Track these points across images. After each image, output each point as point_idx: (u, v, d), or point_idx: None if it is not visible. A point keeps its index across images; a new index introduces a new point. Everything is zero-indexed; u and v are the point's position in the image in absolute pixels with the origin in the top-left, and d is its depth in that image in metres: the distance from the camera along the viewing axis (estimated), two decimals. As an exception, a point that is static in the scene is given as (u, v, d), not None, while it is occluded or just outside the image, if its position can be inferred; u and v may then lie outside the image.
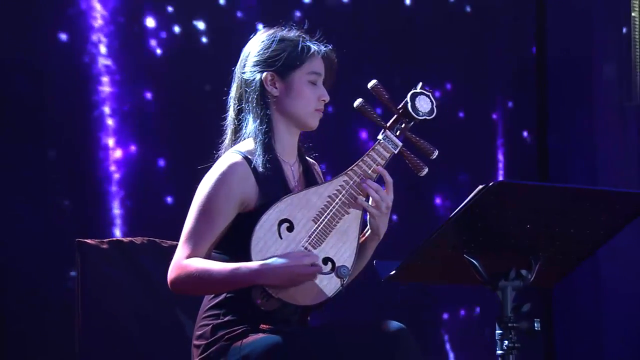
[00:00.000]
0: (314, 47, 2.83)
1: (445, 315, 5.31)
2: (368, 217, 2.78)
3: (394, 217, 5.05)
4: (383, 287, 3.44)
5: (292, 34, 2.86)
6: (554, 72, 5.69)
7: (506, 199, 2.42)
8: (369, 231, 2.81)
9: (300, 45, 2.82)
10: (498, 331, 2.51)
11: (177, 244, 3.02)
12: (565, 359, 5.57)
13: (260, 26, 2.95)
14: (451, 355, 5.28)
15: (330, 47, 2.87)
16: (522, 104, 5.64)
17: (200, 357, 2.73)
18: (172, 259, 2.79)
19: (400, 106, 2.80)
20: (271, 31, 2.87)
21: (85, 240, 3.05)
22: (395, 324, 2.62)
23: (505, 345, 2.50)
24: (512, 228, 2.49)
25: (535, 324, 2.49)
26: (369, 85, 2.78)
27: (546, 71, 5.71)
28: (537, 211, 2.47)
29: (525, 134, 5.67)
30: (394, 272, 2.54)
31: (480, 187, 2.37)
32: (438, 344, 5.26)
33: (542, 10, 5.69)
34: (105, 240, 3.08)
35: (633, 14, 5.69)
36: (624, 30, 5.69)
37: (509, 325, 2.50)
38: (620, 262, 5.55)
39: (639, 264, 5.71)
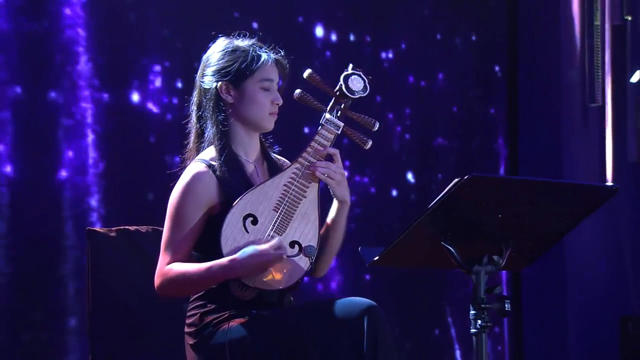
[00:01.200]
0: (264, 56, 2.80)
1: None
2: (331, 190, 2.77)
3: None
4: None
5: (245, 43, 2.82)
6: (525, 77, 5.70)
7: (480, 191, 2.43)
8: (336, 203, 2.80)
9: (250, 55, 2.79)
10: (472, 312, 2.51)
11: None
12: (532, 335, 5.58)
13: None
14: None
15: (281, 53, 2.85)
16: (497, 106, 5.66)
17: (192, 343, 2.75)
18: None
19: (336, 89, 2.78)
20: (227, 41, 2.83)
21: (95, 229, 3.06)
22: (365, 301, 2.63)
23: (479, 325, 2.50)
24: (485, 218, 2.49)
25: (506, 305, 2.49)
26: (305, 75, 2.76)
27: (518, 76, 5.72)
28: (508, 202, 2.47)
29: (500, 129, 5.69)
30: (377, 257, 2.54)
31: (456, 180, 2.37)
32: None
33: (513, 22, 5.70)
34: (113, 228, 3.08)
35: (596, 23, 5.71)
36: (588, 38, 5.71)
37: (482, 306, 2.50)
38: (583, 248, 5.57)
39: (599, 250, 5.74)
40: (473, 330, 2.51)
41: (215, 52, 2.81)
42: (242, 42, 2.82)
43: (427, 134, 5.31)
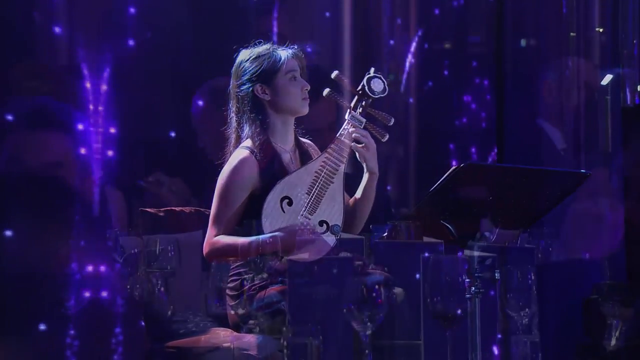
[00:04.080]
0: (282, 54, 2.85)
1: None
2: (365, 164, 2.82)
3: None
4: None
5: (263, 48, 2.87)
6: (509, 77, 5.68)
7: (473, 177, 2.43)
8: (367, 175, 2.85)
9: (272, 55, 2.84)
10: (467, 279, 2.52)
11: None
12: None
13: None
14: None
15: (295, 47, 2.89)
16: (484, 105, 5.64)
17: (232, 304, 2.77)
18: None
19: (359, 88, 2.81)
20: (247, 51, 2.88)
21: (147, 209, 3.07)
22: (382, 274, 2.64)
23: (473, 291, 2.51)
24: (478, 200, 2.50)
25: (496, 274, 2.51)
26: (332, 75, 2.82)
27: (503, 75, 5.71)
28: (497, 186, 2.48)
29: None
30: (386, 233, 2.55)
31: (453, 167, 2.38)
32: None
33: (500, 26, 5.68)
34: (162, 209, 3.10)
35: (572, 34, 5.68)
36: (565, 46, 5.68)
37: (476, 275, 2.51)
38: (560, 226, 5.56)
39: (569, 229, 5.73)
40: (468, 296, 2.51)
41: (242, 63, 2.86)
42: (261, 48, 2.86)
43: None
